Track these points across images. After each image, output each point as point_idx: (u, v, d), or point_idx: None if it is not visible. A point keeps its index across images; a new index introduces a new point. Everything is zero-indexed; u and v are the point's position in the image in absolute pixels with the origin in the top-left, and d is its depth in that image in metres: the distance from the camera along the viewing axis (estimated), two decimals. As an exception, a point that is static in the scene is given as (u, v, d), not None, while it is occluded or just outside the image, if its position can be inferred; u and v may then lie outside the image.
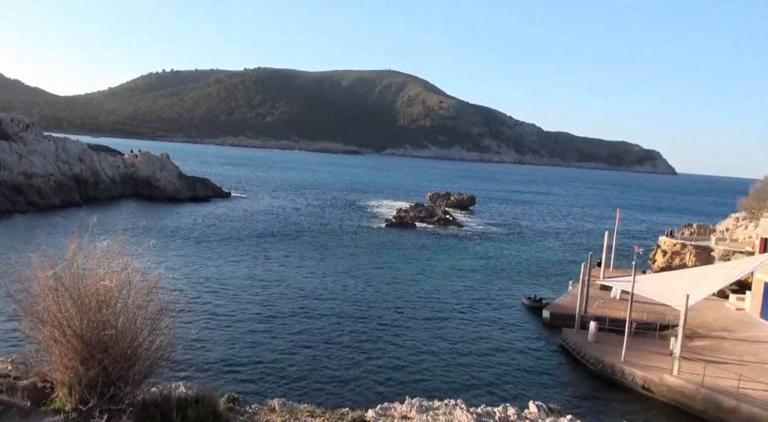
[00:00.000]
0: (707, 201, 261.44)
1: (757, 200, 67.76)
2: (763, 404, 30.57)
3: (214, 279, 53.99)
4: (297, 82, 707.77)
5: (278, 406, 11.86)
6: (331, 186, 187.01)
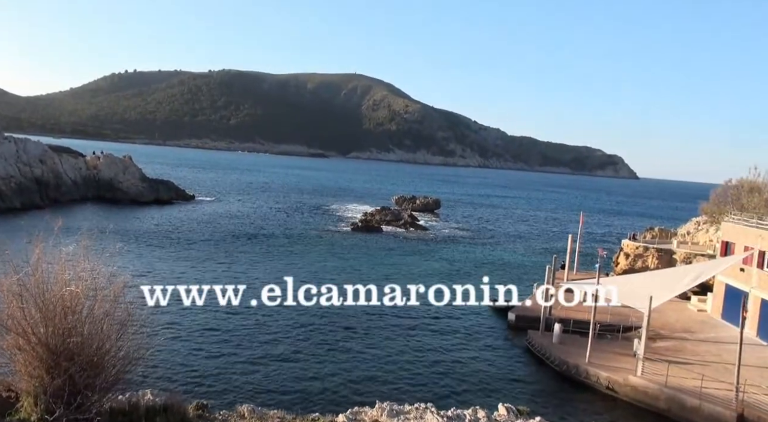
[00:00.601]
0: (669, 205, 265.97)
1: (718, 204, 68.97)
2: (725, 403, 31.20)
3: (179, 283, 53.27)
4: (262, 85, 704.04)
5: (248, 412, 11.76)
6: (296, 189, 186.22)
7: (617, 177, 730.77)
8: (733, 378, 31.58)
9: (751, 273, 46.61)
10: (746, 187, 65.99)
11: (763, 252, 45.61)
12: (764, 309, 44.60)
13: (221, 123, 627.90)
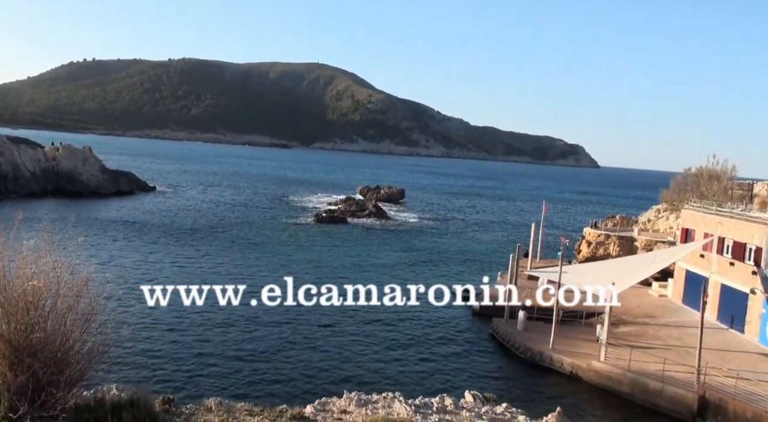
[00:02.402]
0: (630, 193, 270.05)
1: (678, 192, 70.24)
2: (687, 385, 31.99)
3: (143, 276, 52.77)
4: (223, 74, 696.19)
5: (215, 406, 11.68)
6: (258, 180, 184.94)
7: (579, 166, 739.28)
8: (695, 361, 32.32)
9: (711, 259, 47.66)
10: (705, 174, 67.31)
11: (722, 238, 46.61)
12: (724, 293, 45.67)
13: (182, 113, 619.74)
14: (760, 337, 41.14)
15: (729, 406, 30.45)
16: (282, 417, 11.46)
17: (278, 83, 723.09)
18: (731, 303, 44.65)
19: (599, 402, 33.34)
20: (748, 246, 43.70)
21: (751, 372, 33.77)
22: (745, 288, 43.33)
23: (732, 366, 34.72)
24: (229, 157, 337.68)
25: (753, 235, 43.28)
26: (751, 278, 42.87)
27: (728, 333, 43.17)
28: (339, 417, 11.90)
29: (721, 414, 30.52)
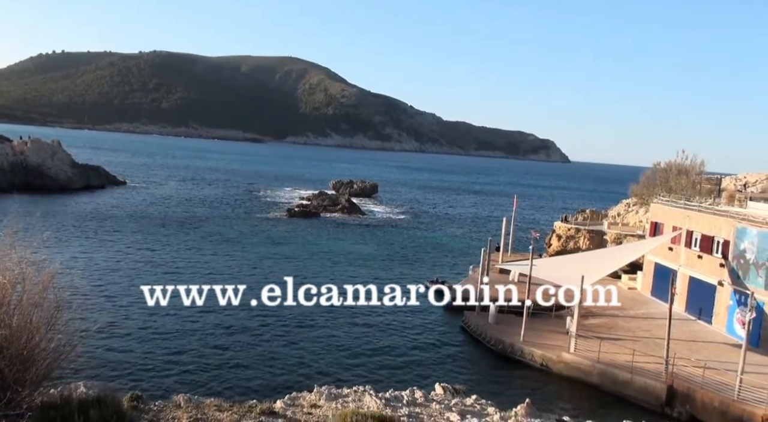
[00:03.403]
0: (600, 187, 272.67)
1: (647, 186, 71.09)
2: (655, 376, 32.55)
3: (112, 272, 52.21)
4: (195, 67, 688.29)
5: (184, 402, 11.63)
6: (231, 174, 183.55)
7: (550, 161, 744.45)
8: (663, 352, 32.89)
9: (679, 252, 48.38)
10: (674, 169, 68.19)
11: (690, 231, 47.34)
12: (692, 285, 46.45)
13: (153, 106, 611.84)
14: (728, 328, 41.90)
15: (697, 395, 31.01)
16: (251, 412, 11.45)
17: (250, 77, 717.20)
18: (699, 295, 45.40)
19: (569, 393, 33.74)
20: (715, 239, 44.44)
21: (718, 362, 34.39)
22: (712, 281, 44.08)
23: (700, 357, 35.34)
24: (200, 151, 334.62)
25: (721, 228, 44.02)
26: (718, 270, 43.63)
27: (696, 325, 43.88)
28: (309, 412, 11.92)
29: (688, 403, 31.09)
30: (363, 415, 10.36)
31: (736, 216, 44.89)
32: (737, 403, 29.74)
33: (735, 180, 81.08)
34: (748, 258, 40.93)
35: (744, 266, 41.22)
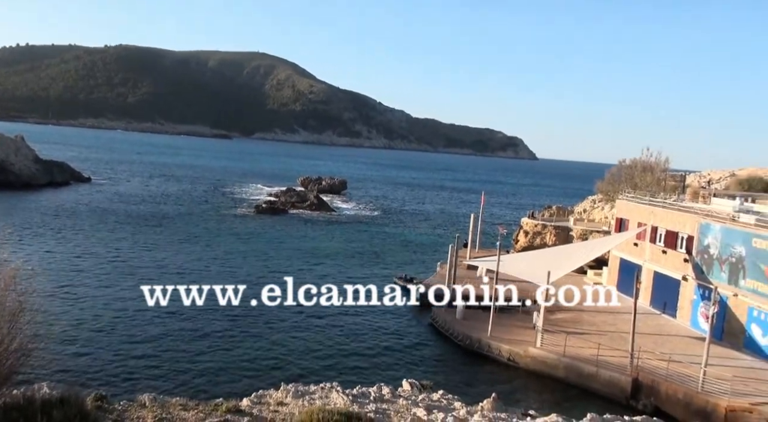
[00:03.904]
0: (566, 184, 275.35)
1: (612, 183, 72.00)
2: (620, 369, 33.07)
3: (76, 271, 51.47)
4: (162, 62, 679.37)
5: (149, 401, 11.53)
6: (197, 171, 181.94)
7: (517, 158, 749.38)
8: (628, 345, 33.36)
9: (644, 247, 49.12)
10: (639, 166, 69.17)
11: (655, 227, 48.09)
12: (657, 280, 47.23)
13: (118, 101, 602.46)
14: (692, 322, 42.65)
15: (661, 388, 31.55)
16: (217, 410, 11.38)
17: (218, 72, 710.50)
18: (664, 290, 46.15)
19: (535, 387, 34.10)
20: (680, 234, 45.19)
21: (682, 354, 35.02)
22: (677, 275, 44.84)
23: (664, 350, 35.93)
24: (167, 147, 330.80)
25: (685, 224, 44.77)
26: (682, 265, 44.39)
27: (661, 319, 44.60)
28: (275, 409, 11.88)
29: (653, 395, 31.62)
30: (329, 412, 10.37)
31: (700, 212, 45.69)
32: (701, 395, 30.30)
33: (699, 177, 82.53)
34: (711, 253, 41.69)
35: (708, 261, 41.97)
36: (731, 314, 39.32)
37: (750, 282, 38.13)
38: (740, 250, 39.08)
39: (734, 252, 39.57)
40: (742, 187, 69.12)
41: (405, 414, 11.90)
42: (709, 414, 29.14)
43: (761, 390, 30.23)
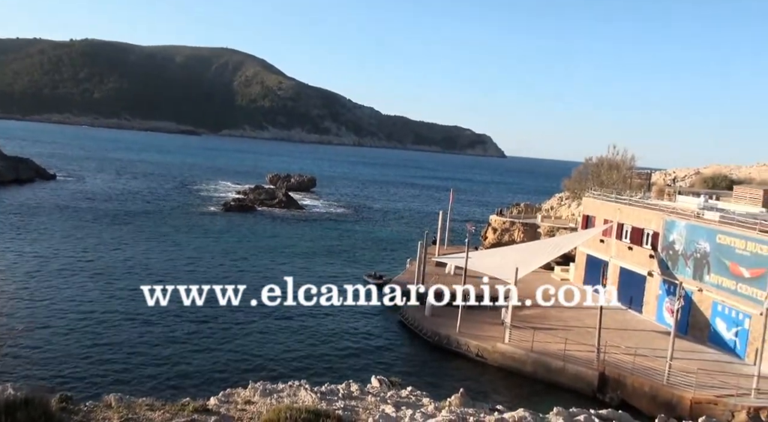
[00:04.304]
0: (534, 182, 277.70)
1: (579, 181, 72.77)
2: (587, 363, 33.56)
3: (41, 269, 50.66)
4: (128, 56, 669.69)
5: (115, 402, 11.37)
6: (165, 168, 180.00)
7: (486, 155, 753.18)
8: (595, 340, 33.79)
9: (610, 244, 49.76)
10: (605, 164, 69.97)
11: (621, 224, 48.76)
12: (623, 276, 47.90)
13: (84, 96, 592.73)
14: (657, 317, 43.34)
15: (627, 381, 32.05)
16: (184, 410, 11.26)
17: (185, 67, 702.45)
18: (630, 285, 46.82)
19: (503, 382, 34.40)
20: (645, 231, 45.89)
21: (648, 349, 35.65)
22: (642, 271, 45.52)
23: (630, 344, 36.51)
24: (134, 143, 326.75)
25: (650, 221, 45.46)
26: (648, 261, 45.09)
27: (627, 314, 45.26)
28: (243, 408, 11.80)
29: (620, 389, 32.11)
30: (297, 409, 10.32)
31: (665, 209, 46.46)
32: (667, 388, 30.85)
33: (664, 175, 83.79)
34: (676, 249, 42.38)
35: (673, 257, 42.66)
36: (696, 308, 40.03)
37: (714, 278, 38.84)
38: (705, 246, 39.77)
39: (699, 248, 40.27)
40: (706, 184, 70.37)
41: (373, 411, 11.89)
42: (675, 407, 29.61)
43: (726, 383, 30.82)
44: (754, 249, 36.00)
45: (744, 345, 36.25)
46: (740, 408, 28.79)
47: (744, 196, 49.57)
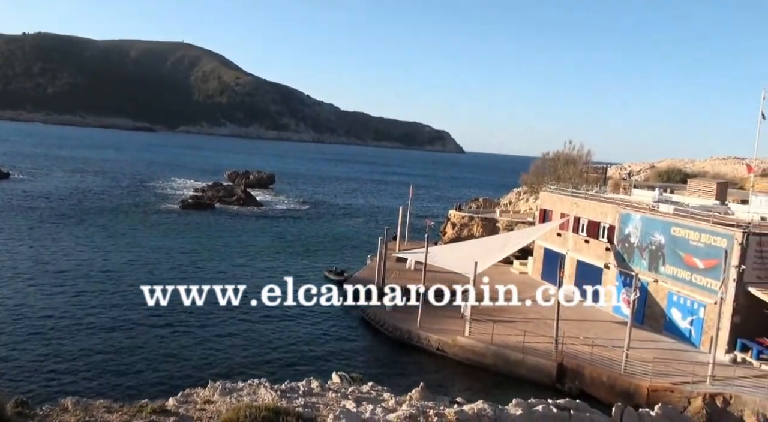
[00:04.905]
0: (492, 177, 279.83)
1: (537, 176, 73.71)
2: (546, 354, 34.07)
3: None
4: (83, 51, 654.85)
5: (72, 405, 11.21)
6: (121, 165, 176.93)
7: (445, 151, 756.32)
8: (553, 331, 34.27)
9: (567, 237, 50.47)
10: (562, 159, 71.04)
11: (577, 218, 49.49)
12: (580, 268, 48.63)
13: (37, 92, 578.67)
14: (614, 308, 44.12)
15: (585, 371, 32.59)
16: (142, 411, 11.15)
17: (141, 63, 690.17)
18: (587, 278, 47.54)
19: (464, 375, 34.70)
20: (601, 224, 46.65)
21: (605, 339, 36.32)
22: (599, 264, 46.28)
23: (588, 335, 37.16)
24: (89, 140, 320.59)
25: (606, 215, 46.21)
26: (604, 254, 45.86)
27: (585, 305, 45.92)
28: (202, 408, 11.72)
29: (578, 379, 32.63)
30: (257, 408, 10.29)
31: (620, 202, 47.29)
32: (624, 377, 31.47)
33: (620, 169, 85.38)
34: (632, 241, 43.17)
35: (628, 249, 43.44)
36: (652, 299, 40.86)
37: (669, 269, 39.68)
38: (660, 238, 40.59)
39: (654, 241, 41.07)
40: (661, 178, 71.90)
41: (334, 407, 11.91)
42: (632, 395, 30.20)
43: (681, 371, 31.53)
44: (708, 241, 36.86)
45: (699, 333, 37.13)
46: (696, 394, 29.49)
47: (698, 189, 50.69)
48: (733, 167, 74.91)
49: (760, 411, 28.04)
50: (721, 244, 35.72)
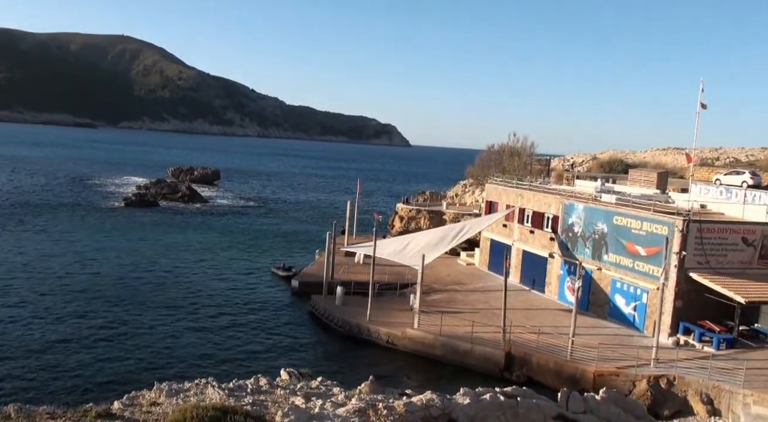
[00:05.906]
0: (438, 170, 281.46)
1: (482, 168, 74.45)
2: (494, 344, 34.52)
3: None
4: (19, 44, 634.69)
5: (14, 412, 10.90)
6: (61, 162, 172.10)
7: (391, 145, 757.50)
8: (501, 321, 34.72)
9: (513, 228, 51.19)
10: (507, 151, 71.84)
11: (522, 209, 50.23)
12: (525, 259, 49.45)
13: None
14: (559, 296, 44.99)
15: (533, 359, 33.23)
16: (86, 416, 10.91)
17: (80, 56, 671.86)
18: (532, 267, 48.40)
19: (414, 367, 34.92)
20: (546, 215, 47.47)
21: (551, 327, 36.96)
22: (544, 253, 47.08)
23: (535, 323, 37.74)
24: (27, 136, 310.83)
25: (550, 205, 47.02)
26: (549, 244, 46.67)
27: (530, 294, 46.77)
28: (148, 410, 11.53)
29: (526, 367, 33.27)
30: (204, 408, 10.17)
31: (564, 193, 48.16)
32: (570, 363, 32.16)
33: (563, 160, 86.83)
34: (575, 231, 44.02)
35: (572, 239, 44.28)
36: (596, 286, 41.76)
37: (612, 257, 40.60)
38: (602, 227, 41.48)
39: (597, 230, 41.96)
40: (603, 169, 73.42)
41: (283, 404, 11.84)
42: (579, 380, 30.85)
43: (626, 355, 32.39)
44: (649, 229, 37.83)
45: (642, 318, 38.12)
46: (640, 377, 30.35)
47: (639, 179, 51.96)
48: (674, 157, 76.94)
49: (703, 391, 28.98)
50: (662, 232, 36.68)
